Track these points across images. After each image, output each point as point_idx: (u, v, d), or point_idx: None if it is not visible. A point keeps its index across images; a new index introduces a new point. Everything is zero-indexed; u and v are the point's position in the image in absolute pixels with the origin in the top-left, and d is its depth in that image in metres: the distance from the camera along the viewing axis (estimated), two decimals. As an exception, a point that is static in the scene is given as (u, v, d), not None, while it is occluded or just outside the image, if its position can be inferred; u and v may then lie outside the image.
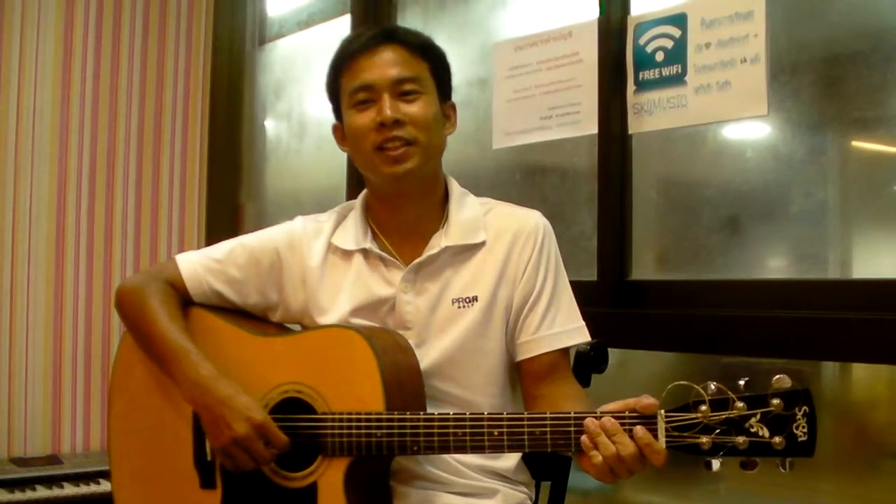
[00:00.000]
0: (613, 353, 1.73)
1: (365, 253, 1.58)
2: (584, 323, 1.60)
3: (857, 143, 2.03)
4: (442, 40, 1.65)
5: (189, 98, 3.51)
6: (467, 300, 1.55)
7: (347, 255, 1.59)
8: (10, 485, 2.74)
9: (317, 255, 1.60)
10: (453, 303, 1.55)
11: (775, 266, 2.10)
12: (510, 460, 1.58)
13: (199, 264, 1.62)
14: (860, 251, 1.99)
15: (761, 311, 1.95)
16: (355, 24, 3.04)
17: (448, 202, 1.61)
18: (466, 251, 1.57)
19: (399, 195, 1.58)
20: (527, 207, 1.64)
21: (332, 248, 1.61)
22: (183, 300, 1.61)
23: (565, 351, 1.58)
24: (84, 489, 2.79)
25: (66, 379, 3.22)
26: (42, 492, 2.73)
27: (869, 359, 1.84)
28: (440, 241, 1.57)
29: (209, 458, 1.52)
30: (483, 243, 1.57)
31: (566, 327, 1.57)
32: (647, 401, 1.27)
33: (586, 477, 1.44)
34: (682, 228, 2.25)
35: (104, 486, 2.79)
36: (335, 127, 1.64)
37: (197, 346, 1.51)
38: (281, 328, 1.65)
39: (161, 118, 3.44)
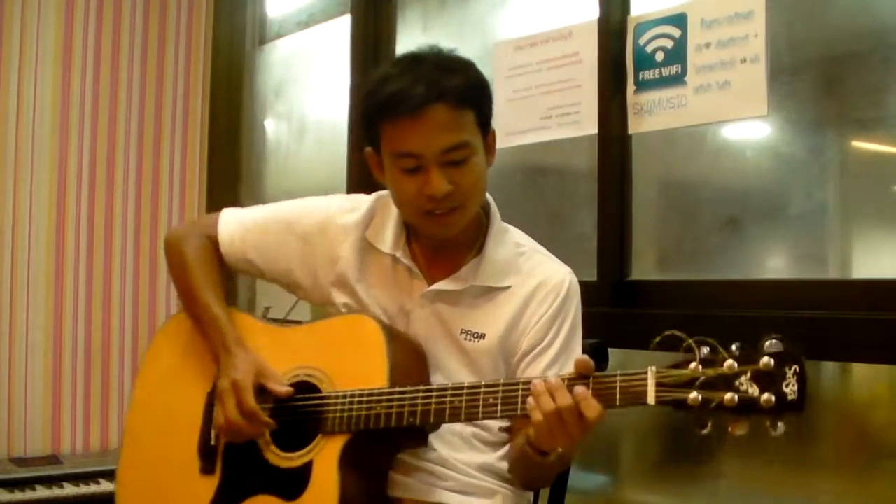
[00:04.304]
0: (613, 353, 1.73)
1: (395, 259, 1.59)
2: None
3: (857, 143, 2.02)
4: (442, 40, 1.64)
5: (189, 98, 3.51)
6: (475, 335, 1.55)
7: (379, 252, 1.61)
8: (10, 485, 2.74)
9: (350, 241, 1.62)
10: (461, 333, 1.55)
11: (775, 266, 2.10)
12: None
13: (236, 232, 1.70)
14: (860, 251, 1.98)
15: (761, 311, 1.95)
16: (355, 24, 3.04)
17: (487, 232, 1.59)
18: (490, 292, 1.57)
19: None
20: (559, 261, 1.62)
21: (365, 241, 1.62)
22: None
23: None
24: (84, 489, 2.79)
25: (66, 379, 3.22)
26: (42, 492, 2.74)
27: (869, 359, 1.83)
28: (468, 276, 1.56)
29: (213, 442, 1.56)
30: (507, 288, 1.57)
31: None
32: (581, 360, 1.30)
33: (586, 477, 1.43)
34: (682, 228, 2.25)
35: (104, 486, 2.80)
36: (369, 154, 1.56)
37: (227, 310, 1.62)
38: (297, 322, 1.69)
39: (161, 118, 3.44)
